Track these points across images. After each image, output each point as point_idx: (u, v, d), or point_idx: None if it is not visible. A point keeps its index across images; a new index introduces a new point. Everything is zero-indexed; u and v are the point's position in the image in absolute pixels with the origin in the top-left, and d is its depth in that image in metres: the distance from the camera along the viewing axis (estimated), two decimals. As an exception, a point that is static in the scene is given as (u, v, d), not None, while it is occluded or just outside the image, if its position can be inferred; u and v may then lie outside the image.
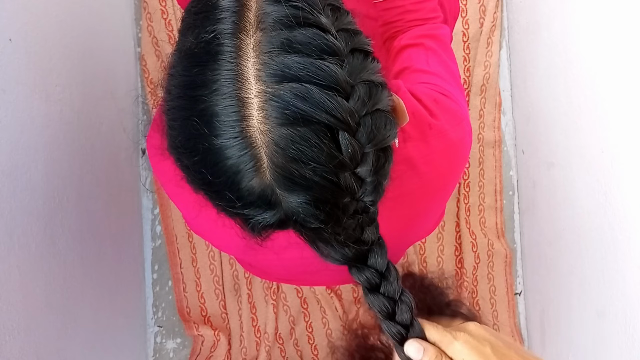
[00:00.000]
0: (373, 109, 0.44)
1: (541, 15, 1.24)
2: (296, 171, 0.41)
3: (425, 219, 0.73)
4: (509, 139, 1.46)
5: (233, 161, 0.41)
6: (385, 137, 0.45)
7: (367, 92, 0.44)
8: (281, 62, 0.40)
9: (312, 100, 0.40)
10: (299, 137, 0.40)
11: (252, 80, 0.40)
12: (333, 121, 0.41)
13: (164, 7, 1.38)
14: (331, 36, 0.43)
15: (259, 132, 0.40)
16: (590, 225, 1.06)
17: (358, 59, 0.44)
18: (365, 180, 0.44)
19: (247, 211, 0.44)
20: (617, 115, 0.94)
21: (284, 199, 0.43)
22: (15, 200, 0.74)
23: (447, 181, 0.68)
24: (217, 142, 0.41)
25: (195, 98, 0.42)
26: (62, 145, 0.90)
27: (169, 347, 1.40)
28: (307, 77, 0.40)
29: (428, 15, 0.79)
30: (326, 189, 0.42)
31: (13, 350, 0.71)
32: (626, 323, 0.94)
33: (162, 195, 1.38)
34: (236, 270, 1.40)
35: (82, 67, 1.02)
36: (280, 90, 0.40)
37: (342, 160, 0.42)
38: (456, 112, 0.66)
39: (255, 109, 0.40)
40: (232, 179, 0.42)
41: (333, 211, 0.44)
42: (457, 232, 1.44)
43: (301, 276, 0.83)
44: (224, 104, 0.41)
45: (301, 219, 0.44)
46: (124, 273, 1.24)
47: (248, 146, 0.41)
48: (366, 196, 0.45)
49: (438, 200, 0.71)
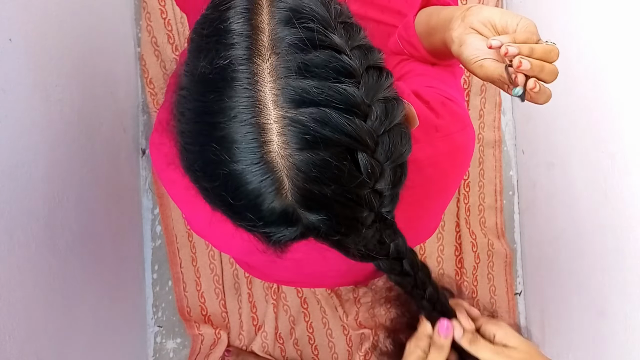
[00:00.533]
0: (390, 127, 0.44)
1: (541, 15, 1.24)
2: (317, 192, 0.41)
3: (428, 221, 0.73)
4: (509, 139, 1.46)
5: (254, 186, 0.41)
6: (402, 152, 0.46)
7: (384, 110, 0.44)
8: (298, 87, 0.40)
9: (332, 124, 0.40)
10: (319, 160, 0.41)
11: (271, 105, 0.40)
12: (352, 143, 0.41)
13: (163, 7, 1.38)
14: (346, 57, 0.43)
15: (280, 156, 0.41)
16: (590, 225, 1.06)
17: (373, 77, 0.45)
18: (383, 195, 0.45)
19: (269, 229, 0.45)
20: (617, 115, 0.94)
21: (304, 216, 0.43)
22: (15, 200, 0.74)
23: (451, 183, 0.68)
24: (237, 167, 0.41)
25: (213, 125, 0.42)
26: (62, 145, 0.90)
27: (169, 347, 1.40)
28: (326, 101, 0.41)
29: None
30: (346, 206, 0.43)
31: (13, 350, 0.71)
32: (626, 323, 0.94)
33: (162, 195, 1.38)
34: (236, 269, 1.40)
35: (82, 67, 1.02)
36: (299, 115, 0.40)
37: (362, 180, 0.42)
38: (462, 117, 0.67)
39: (275, 135, 0.40)
40: (253, 202, 0.42)
41: (353, 224, 0.44)
42: (457, 232, 1.44)
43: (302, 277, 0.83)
44: (243, 131, 0.41)
45: (322, 233, 0.44)
46: (124, 273, 1.24)
47: (269, 171, 0.41)
48: (384, 207, 0.46)
49: (440, 202, 0.71)
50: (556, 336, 1.27)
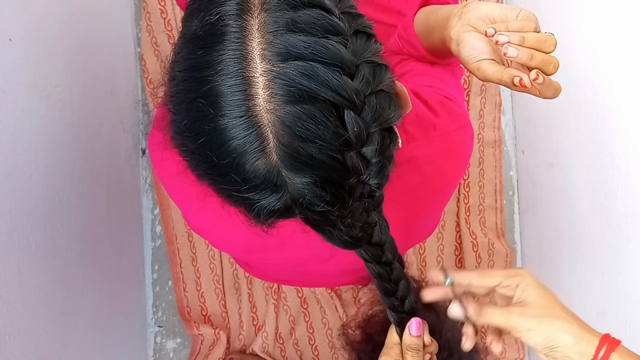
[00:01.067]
0: (377, 89, 0.44)
1: (541, 16, 1.24)
2: (302, 150, 0.41)
3: (426, 220, 0.73)
4: (509, 139, 1.46)
5: (239, 141, 0.41)
6: (390, 117, 0.45)
7: (371, 72, 0.44)
8: (286, 41, 0.41)
9: (318, 78, 0.41)
10: (305, 114, 0.40)
11: (258, 59, 0.41)
12: (339, 99, 0.41)
13: (163, 7, 1.38)
14: (335, 17, 0.43)
15: (265, 110, 0.41)
16: (590, 225, 1.06)
17: (361, 39, 0.45)
18: (370, 161, 0.44)
19: (253, 195, 0.44)
20: (617, 115, 0.95)
21: (289, 180, 0.43)
22: (15, 200, 0.74)
23: (448, 182, 0.68)
24: (222, 122, 0.41)
25: (200, 79, 0.42)
26: (62, 145, 0.90)
27: (169, 347, 1.40)
28: (312, 55, 0.41)
29: None
30: (332, 168, 0.42)
31: (13, 350, 0.71)
32: (626, 323, 0.94)
33: (162, 195, 1.38)
34: (236, 269, 1.40)
35: (82, 67, 1.02)
36: (285, 68, 0.40)
37: (348, 138, 0.42)
38: (460, 116, 0.66)
39: (260, 88, 0.40)
40: (237, 160, 0.42)
41: (339, 192, 0.44)
42: (457, 232, 1.44)
43: (301, 276, 0.83)
44: (229, 84, 0.41)
45: (307, 201, 0.44)
46: (124, 273, 1.24)
47: (254, 125, 0.41)
48: (372, 178, 0.45)
49: (438, 201, 0.71)
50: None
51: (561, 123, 1.17)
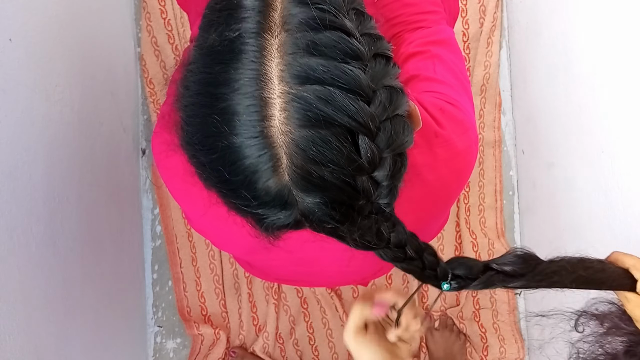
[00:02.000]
0: (393, 114, 0.44)
1: (541, 15, 1.24)
2: (315, 172, 0.41)
3: (428, 226, 0.73)
4: (509, 139, 1.46)
5: (252, 160, 0.41)
6: (403, 142, 0.45)
7: (388, 97, 0.44)
8: (305, 64, 0.41)
9: (335, 104, 0.40)
10: (319, 139, 0.40)
11: (276, 80, 0.41)
12: (354, 125, 0.41)
13: (163, 7, 1.38)
14: (355, 40, 0.43)
15: (280, 132, 0.40)
16: (590, 225, 1.06)
17: (380, 64, 0.45)
18: (381, 184, 0.45)
19: (262, 211, 0.44)
20: (617, 115, 0.94)
21: (300, 199, 0.43)
22: (15, 200, 0.74)
23: (452, 190, 0.68)
24: (236, 140, 0.41)
25: (216, 96, 0.42)
26: (62, 145, 0.90)
27: (169, 347, 1.40)
28: (331, 80, 0.41)
29: (428, 9, 0.78)
30: (343, 191, 0.42)
31: (13, 350, 0.71)
32: (626, 323, 0.94)
33: (162, 195, 1.38)
34: (236, 269, 1.40)
35: (82, 67, 1.02)
36: (303, 92, 0.40)
37: (361, 164, 0.42)
38: (462, 121, 0.66)
39: (277, 110, 0.40)
40: (249, 178, 0.42)
41: (348, 212, 0.44)
42: (457, 232, 1.44)
43: (303, 276, 0.83)
44: (245, 103, 0.41)
45: (317, 219, 0.44)
46: (124, 273, 1.24)
47: (268, 146, 0.41)
48: (381, 199, 0.46)
49: (441, 208, 0.71)
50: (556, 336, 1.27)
51: (561, 123, 1.16)
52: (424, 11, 0.78)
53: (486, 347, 1.43)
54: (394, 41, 0.79)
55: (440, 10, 0.80)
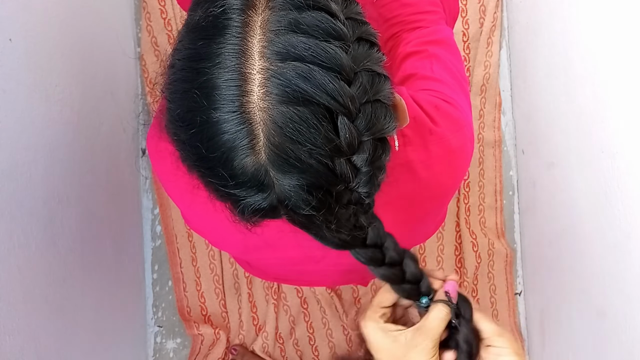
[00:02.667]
0: (374, 98, 0.44)
1: (541, 15, 1.24)
2: (292, 152, 0.41)
3: (424, 224, 0.73)
4: (509, 139, 1.46)
5: (229, 136, 0.41)
6: (384, 127, 0.45)
7: (370, 80, 0.44)
8: (287, 41, 0.41)
9: (314, 81, 0.40)
10: (297, 116, 0.40)
11: (256, 56, 0.41)
12: (333, 104, 0.41)
13: (163, 7, 1.38)
14: (339, 21, 0.43)
15: (258, 108, 0.40)
16: (590, 225, 1.06)
17: (363, 47, 0.45)
18: (360, 170, 0.44)
19: (239, 192, 0.44)
20: (617, 115, 0.94)
21: (277, 181, 0.42)
22: (15, 200, 0.74)
23: (447, 187, 0.68)
24: (214, 115, 0.41)
25: (197, 70, 0.42)
26: (62, 145, 0.90)
27: (169, 347, 1.40)
28: (311, 57, 0.41)
29: (427, 9, 0.78)
30: (320, 173, 0.42)
31: (13, 350, 0.71)
32: (626, 323, 0.94)
33: (162, 195, 1.38)
34: (236, 269, 1.40)
35: (82, 67, 1.02)
36: (283, 68, 0.40)
37: (339, 144, 0.42)
38: (457, 119, 0.66)
39: (256, 85, 0.40)
40: (226, 155, 0.42)
41: (325, 198, 0.43)
42: (457, 232, 1.44)
43: (298, 275, 0.83)
44: (225, 77, 0.41)
45: (293, 203, 0.43)
46: (124, 273, 1.24)
47: (245, 122, 0.41)
48: (360, 187, 0.45)
49: (437, 206, 0.70)
50: (556, 336, 1.27)
51: (561, 123, 1.16)
52: (423, 11, 0.78)
53: (486, 347, 1.43)
54: (392, 41, 0.79)
55: (439, 11, 0.80)
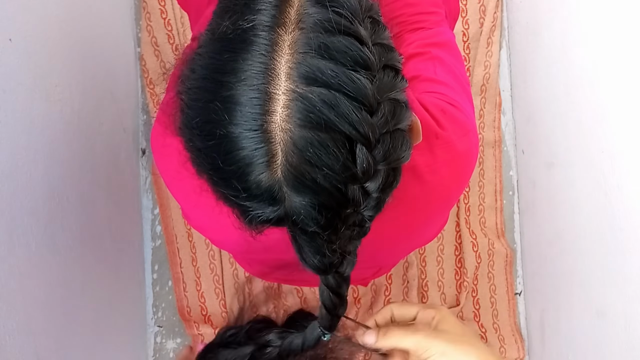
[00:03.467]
0: (394, 128, 0.44)
1: (541, 15, 1.24)
2: (308, 174, 0.41)
3: (427, 227, 0.73)
4: (509, 139, 1.46)
5: (247, 152, 0.41)
6: (400, 157, 0.45)
7: (392, 110, 0.44)
8: (314, 65, 0.41)
9: (338, 110, 0.40)
10: (318, 142, 0.40)
11: (283, 77, 0.41)
12: (354, 134, 0.41)
13: (163, 7, 1.38)
14: (367, 49, 0.43)
15: (280, 129, 0.41)
16: (590, 225, 1.06)
17: (389, 76, 0.45)
18: (371, 196, 0.45)
19: (250, 203, 0.44)
20: (618, 115, 0.94)
21: (289, 197, 0.43)
22: (15, 200, 0.74)
23: (451, 191, 0.68)
24: (235, 130, 0.41)
25: (221, 83, 0.42)
26: (62, 145, 0.90)
27: (169, 347, 1.40)
28: (338, 85, 0.41)
29: (429, 10, 0.78)
30: (333, 196, 0.42)
31: (13, 350, 0.71)
32: (626, 323, 0.94)
33: (162, 195, 1.38)
34: (236, 269, 1.40)
35: (82, 67, 1.02)
36: (308, 92, 0.40)
37: (355, 173, 0.42)
38: (464, 123, 0.66)
39: (280, 106, 0.40)
40: (242, 170, 0.42)
41: (333, 219, 0.44)
42: (457, 232, 1.44)
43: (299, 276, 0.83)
44: (249, 95, 0.41)
45: (301, 220, 0.44)
46: (124, 273, 1.24)
47: (265, 141, 0.41)
48: (367, 210, 0.46)
49: (441, 210, 0.70)
50: (556, 336, 1.27)
51: (561, 123, 1.17)
52: (425, 12, 0.78)
53: (486, 347, 1.43)
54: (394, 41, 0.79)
55: (441, 12, 0.80)
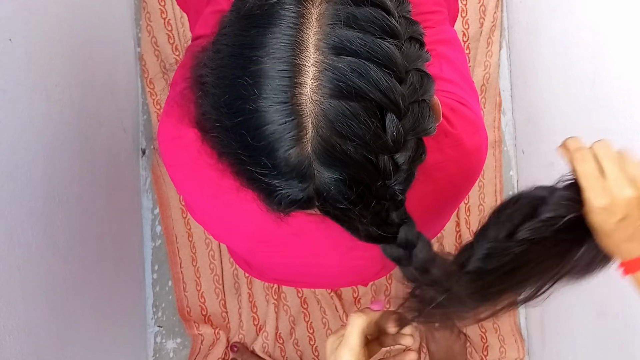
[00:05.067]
0: (421, 98, 0.44)
1: (541, 15, 1.24)
2: (339, 146, 0.41)
3: (433, 225, 0.73)
4: (509, 139, 1.46)
5: (277, 126, 0.41)
6: (427, 128, 0.45)
7: (419, 80, 0.44)
8: (343, 35, 0.41)
9: (368, 77, 0.41)
10: (349, 111, 0.40)
11: (312, 49, 0.41)
12: (385, 101, 0.41)
13: (163, 7, 1.38)
14: (394, 19, 0.43)
15: (310, 100, 0.41)
16: (590, 225, 1.05)
17: (415, 46, 0.45)
18: (401, 167, 0.44)
19: (278, 182, 0.44)
20: (617, 115, 0.94)
21: (318, 173, 0.42)
22: (15, 200, 0.74)
23: (460, 189, 0.68)
24: (264, 104, 0.41)
25: (250, 58, 0.42)
26: (62, 145, 0.90)
27: (169, 347, 1.40)
28: (366, 53, 0.41)
29: (432, 9, 0.78)
30: (363, 168, 0.42)
31: (13, 350, 0.71)
32: (626, 323, 0.94)
33: (162, 195, 1.38)
34: (236, 269, 1.40)
35: (82, 67, 1.02)
36: (338, 62, 0.40)
37: (386, 141, 0.42)
38: (473, 121, 0.66)
39: (310, 78, 0.40)
40: (272, 145, 0.42)
41: (364, 193, 0.43)
42: (457, 232, 1.44)
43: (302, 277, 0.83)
44: (278, 68, 0.41)
45: (331, 196, 0.43)
46: (124, 273, 1.24)
47: (295, 113, 0.41)
48: (398, 184, 0.45)
49: (448, 207, 0.70)
50: (556, 336, 1.27)
51: (561, 123, 1.16)
52: (428, 11, 0.78)
53: (486, 347, 1.43)
54: None
55: (443, 10, 0.80)
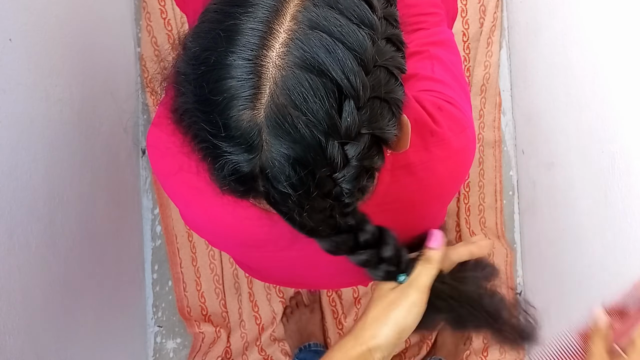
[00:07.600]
0: (384, 97, 0.44)
1: (541, 15, 1.24)
2: (290, 117, 0.41)
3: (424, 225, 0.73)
4: (509, 139, 1.46)
5: (235, 82, 0.42)
6: (384, 128, 0.45)
7: (386, 78, 0.44)
8: (321, 13, 0.42)
9: (335, 56, 0.41)
10: (308, 83, 0.41)
11: (288, 17, 0.42)
12: (345, 84, 0.42)
13: (163, 7, 1.38)
14: (375, 15, 0.44)
15: (274, 65, 0.41)
16: (591, 225, 1.06)
17: (390, 48, 0.46)
18: (350, 162, 0.44)
19: (226, 145, 0.44)
20: (617, 115, 0.95)
21: (266, 145, 0.42)
22: (15, 200, 0.74)
23: (447, 188, 0.67)
24: (229, 58, 0.42)
25: (228, 13, 0.43)
26: (62, 145, 0.90)
27: (169, 347, 1.40)
28: (339, 34, 0.42)
29: (429, 10, 0.78)
30: (310, 148, 0.42)
31: (13, 350, 0.71)
32: (626, 323, 0.94)
33: (162, 195, 1.38)
34: (236, 269, 1.40)
35: (82, 67, 1.02)
36: (309, 35, 0.41)
37: (338, 125, 0.42)
38: (460, 120, 0.66)
39: (279, 42, 0.41)
40: (227, 102, 0.42)
41: (307, 179, 0.43)
42: (457, 232, 1.44)
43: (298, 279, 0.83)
44: (252, 26, 0.42)
45: (273, 174, 0.43)
46: (124, 273, 1.24)
47: (256, 72, 0.41)
48: (344, 182, 0.45)
49: (437, 207, 0.70)
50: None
51: (561, 123, 1.17)
52: (425, 12, 0.78)
53: (486, 348, 1.43)
54: None
55: (440, 12, 0.80)
